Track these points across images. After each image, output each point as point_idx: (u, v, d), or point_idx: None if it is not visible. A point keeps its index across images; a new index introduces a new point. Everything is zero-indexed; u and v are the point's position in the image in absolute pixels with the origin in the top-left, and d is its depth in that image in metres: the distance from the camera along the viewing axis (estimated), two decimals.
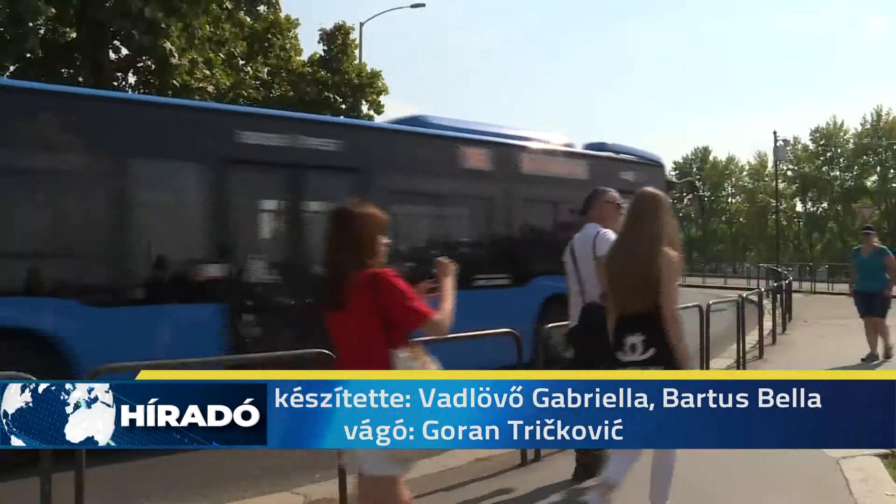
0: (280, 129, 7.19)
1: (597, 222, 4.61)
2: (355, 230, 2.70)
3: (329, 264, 2.80)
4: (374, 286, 2.61)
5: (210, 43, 17.90)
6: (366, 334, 2.65)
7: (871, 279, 9.62)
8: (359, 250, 2.68)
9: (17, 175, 5.91)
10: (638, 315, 3.56)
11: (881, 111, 65.80)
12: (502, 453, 5.53)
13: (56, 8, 14.80)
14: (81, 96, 6.82)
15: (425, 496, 4.54)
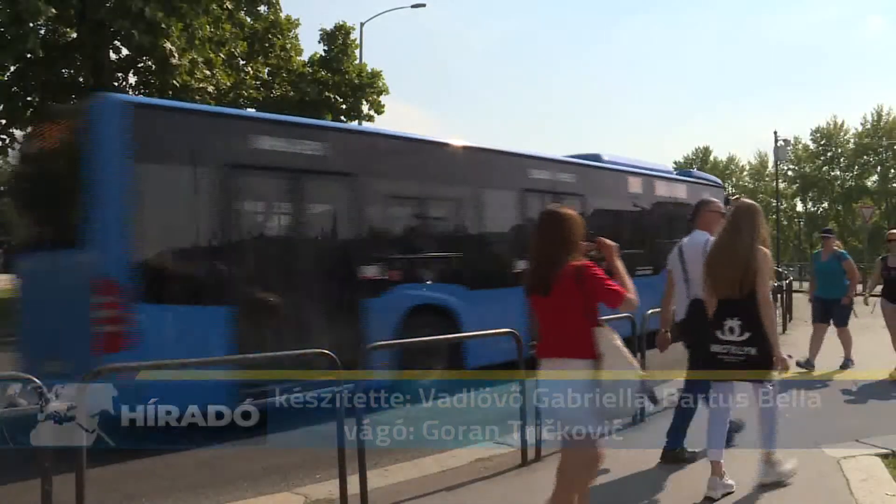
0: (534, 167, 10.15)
1: (703, 229, 5.18)
2: (564, 230, 3.20)
3: (539, 257, 3.29)
4: (579, 276, 3.11)
5: (210, 43, 17.89)
6: (570, 315, 3.16)
7: (831, 285, 9.10)
8: (566, 246, 3.18)
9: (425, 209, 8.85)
10: (736, 302, 4.28)
11: (881, 111, 65.77)
12: (503, 453, 5.54)
13: (56, 8, 14.80)
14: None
15: (426, 496, 4.55)
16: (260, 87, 20.32)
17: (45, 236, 6.91)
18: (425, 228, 8.69)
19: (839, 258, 9.10)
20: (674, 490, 4.70)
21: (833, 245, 9.33)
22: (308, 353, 4.99)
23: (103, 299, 5.82)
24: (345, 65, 21.28)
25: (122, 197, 5.88)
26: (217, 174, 6.51)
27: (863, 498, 4.32)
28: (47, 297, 6.53)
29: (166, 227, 6.37)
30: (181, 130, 6.46)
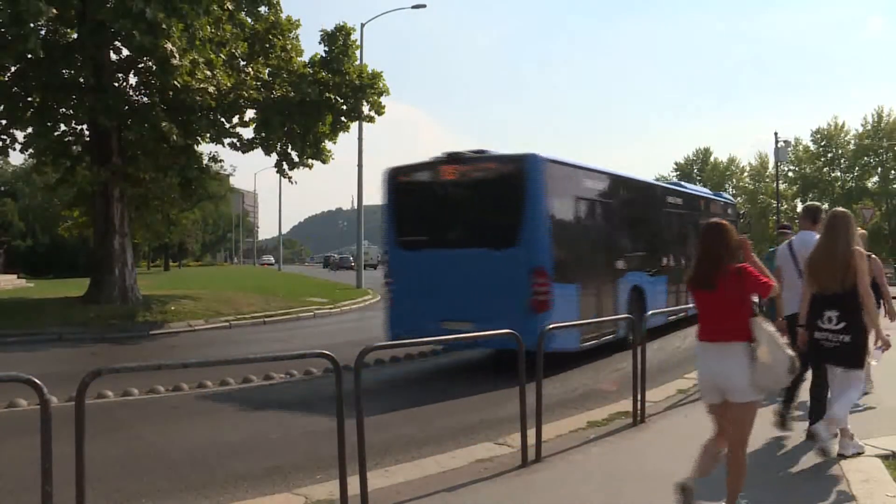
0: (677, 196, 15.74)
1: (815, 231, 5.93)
2: (726, 238, 3.98)
3: (707, 259, 4.01)
4: (740, 274, 3.89)
5: (211, 44, 17.86)
6: (732, 307, 3.91)
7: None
8: (728, 251, 3.96)
9: None
10: (834, 295, 5.01)
11: (882, 112, 65.74)
12: (503, 454, 5.54)
13: (57, 8, 14.79)
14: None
15: (427, 497, 4.55)
16: (260, 87, 20.26)
17: (484, 239, 9.92)
18: (637, 236, 13.05)
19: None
20: None
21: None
22: (308, 354, 4.99)
23: (539, 280, 9.35)
24: (345, 66, 21.22)
25: (544, 216, 9.65)
26: (581, 204, 11.02)
27: (863, 499, 4.32)
28: (472, 279, 9.71)
29: (562, 236, 10.16)
30: (568, 177, 10.73)
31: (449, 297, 9.83)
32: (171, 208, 22.48)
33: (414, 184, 10.92)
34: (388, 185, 10.97)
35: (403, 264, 10.66)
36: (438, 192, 10.67)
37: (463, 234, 10.29)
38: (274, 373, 9.75)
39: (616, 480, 4.86)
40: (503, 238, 9.69)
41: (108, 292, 18.35)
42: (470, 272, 9.76)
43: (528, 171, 9.68)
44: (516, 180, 9.72)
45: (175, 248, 72.32)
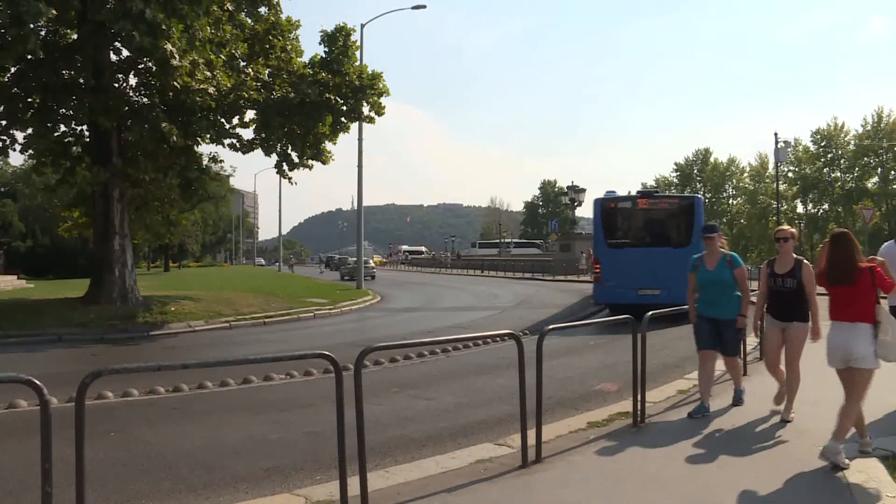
0: None
1: None
2: (855, 244, 5.23)
3: (845, 261, 5.15)
4: (870, 273, 5.10)
5: (211, 44, 17.85)
6: (863, 296, 5.11)
7: (721, 301, 6.93)
8: (859, 254, 5.20)
9: None
10: None
11: (882, 112, 65.84)
12: (503, 455, 5.54)
13: (57, 9, 14.79)
14: None
15: (427, 497, 4.55)
16: (260, 88, 20.26)
17: (668, 242, 16.92)
18: None
19: (732, 263, 7.00)
20: None
21: (719, 246, 7.13)
22: (308, 355, 4.99)
23: None
24: (345, 66, 21.22)
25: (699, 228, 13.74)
26: None
27: (863, 499, 4.32)
28: (659, 264, 15.86)
29: None
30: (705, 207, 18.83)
31: (642, 276, 16.27)
32: (170, 209, 22.49)
33: (617, 209, 17.90)
34: (599, 208, 17.71)
35: (610, 257, 17.30)
36: (635, 214, 17.89)
37: (653, 238, 17.40)
38: (274, 373, 9.75)
39: (616, 481, 4.86)
40: (680, 241, 16.60)
41: (108, 293, 18.35)
42: (657, 261, 16.12)
43: (695, 205, 17.41)
44: (688, 209, 17.32)
45: (175, 248, 72.31)
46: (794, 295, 6.40)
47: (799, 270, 6.41)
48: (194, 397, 8.60)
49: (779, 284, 6.50)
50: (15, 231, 57.46)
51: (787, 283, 6.45)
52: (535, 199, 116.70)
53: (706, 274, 7.04)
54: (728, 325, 6.94)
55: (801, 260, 6.52)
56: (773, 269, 6.60)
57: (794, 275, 6.41)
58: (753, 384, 8.05)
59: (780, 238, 6.63)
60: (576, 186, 36.78)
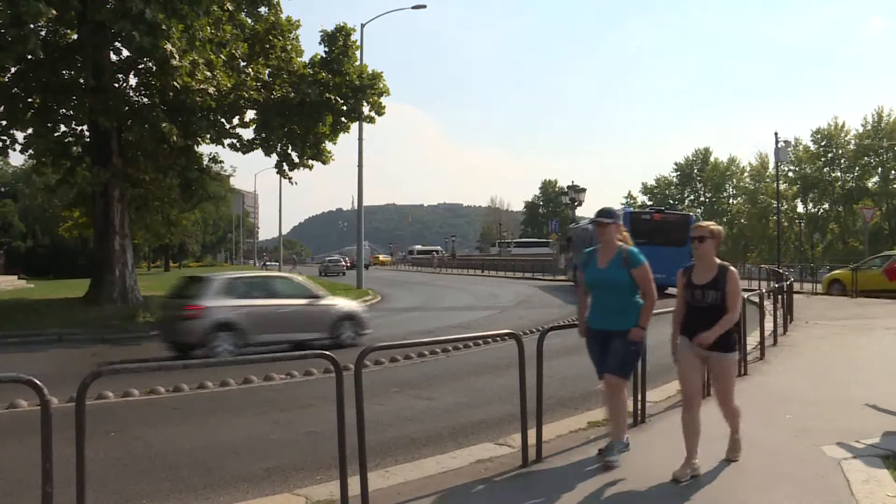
0: None
1: None
2: None
3: None
4: None
5: (211, 44, 17.87)
6: None
7: (614, 308, 5.22)
8: None
9: None
10: None
11: (882, 112, 65.80)
12: (503, 454, 5.54)
13: (57, 9, 14.80)
14: None
15: (427, 497, 4.54)
16: (260, 88, 20.27)
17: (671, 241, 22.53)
18: None
19: (629, 261, 5.21)
20: None
21: (616, 238, 5.33)
22: (308, 355, 4.99)
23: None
24: (345, 66, 21.24)
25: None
26: None
27: (864, 499, 4.32)
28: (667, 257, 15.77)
29: None
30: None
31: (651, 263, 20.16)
32: (171, 209, 22.52)
33: (640, 219, 25.78)
34: (627, 218, 23.75)
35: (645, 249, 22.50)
36: (651, 222, 25.66)
37: (663, 238, 22.95)
38: (274, 373, 9.75)
39: (616, 481, 4.85)
40: (679, 241, 20.94)
41: (109, 293, 18.36)
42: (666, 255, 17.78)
43: (691, 219, 25.64)
44: (686, 221, 25.37)
45: (175, 248, 72.38)
46: (716, 312, 4.80)
47: (723, 280, 4.83)
48: (194, 397, 8.60)
49: (697, 298, 4.89)
50: (15, 231, 57.49)
51: (709, 297, 4.84)
52: (535, 198, 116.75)
53: (595, 272, 5.30)
54: (618, 337, 5.14)
55: (725, 267, 4.90)
56: (691, 279, 4.98)
57: (717, 286, 4.83)
58: (751, 385, 8.02)
59: (695, 237, 4.97)
60: (576, 186, 36.73)
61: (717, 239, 4.98)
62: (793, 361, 10.05)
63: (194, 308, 11.67)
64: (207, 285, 12.29)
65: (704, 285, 4.89)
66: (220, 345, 11.49)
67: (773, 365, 9.68)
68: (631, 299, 5.22)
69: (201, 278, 13.03)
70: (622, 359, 5.19)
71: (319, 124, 21.11)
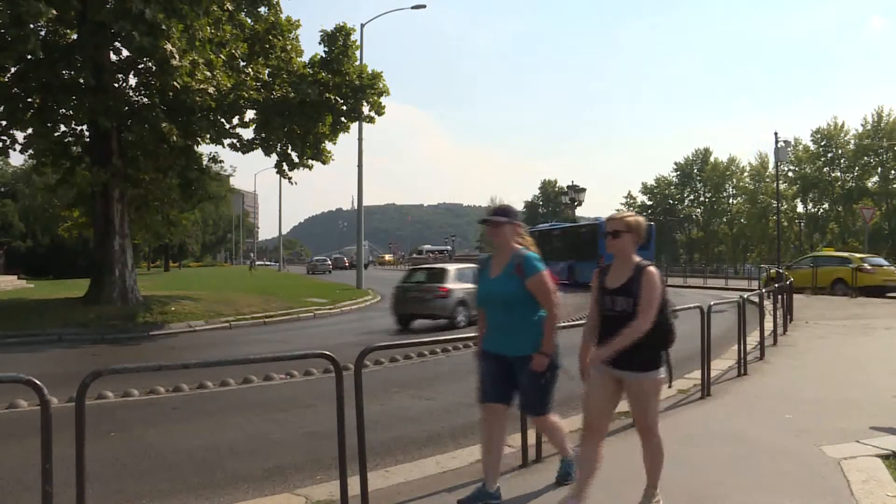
0: None
1: None
2: None
3: None
4: None
5: (211, 44, 17.86)
6: None
7: (509, 327, 4.26)
8: None
9: None
10: None
11: (882, 112, 65.85)
12: (504, 454, 5.53)
13: (57, 9, 14.80)
14: None
15: (427, 497, 4.54)
16: (260, 88, 20.26)
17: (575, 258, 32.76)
18: None
19: (522, 269, 4.20)
20: None
21: (513, 241, 4.34)
22: (308, 355, 4.99)
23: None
24: (345, 66, 21.23)
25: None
26: None
27: (864, 499, 4.32)
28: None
29: None
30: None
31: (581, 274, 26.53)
32: (170, 209, 22.52)
33: None
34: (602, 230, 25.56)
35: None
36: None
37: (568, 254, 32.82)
38: (274, 373, 9.76)
39: (616, 481, 4.85)
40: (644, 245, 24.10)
41: (108, 293, 18.36)
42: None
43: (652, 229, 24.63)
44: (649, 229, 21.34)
45: (175, 248, 72.37)
46: (627, 323, 3.83)
47: (637, 283, 3.85)
48: (194, 397, 8.60)
49: (608, 306, 3.98)
50: (15, 231, 57.49)
51: (618, 304, 3.91)
52: (535, 198, 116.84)
53: (485, 284, 4.39)
54: (522, 367, 4.22)
55: (642, 267, 3.91)
56: (604, 281, 4.05)
57: (630, 290, 3.86)
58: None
59: (608, 232, 4.04)
60: (576, 186, 36.73)
61: (635, 234, 4.01)
62: (793, 361, 10.06)
63: (444, 290, 16.34)
64: (447, 274, 17.04)
65: (615, 290, 3.95)
66: (459, 316, 16.16)
67: (773, 365, 9.69)
68: (530, 317, 4.21)
69: (437, 269, 18.10)
70: (535, 395, 4.30)
71: (319, 124, 21.11)
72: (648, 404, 4.15)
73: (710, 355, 7.98)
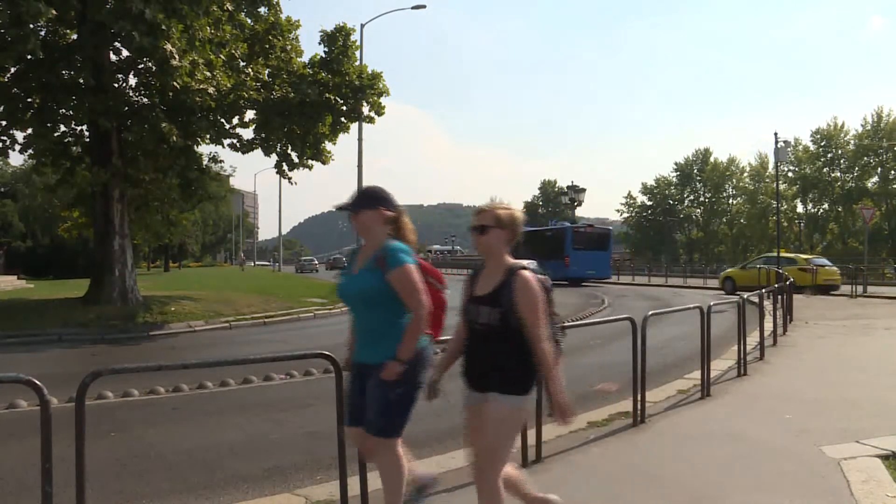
0: None
1: None
2: None
3: None
4: None
5: (211, 44, 17.86)
6: None
7: (369, 332, 3.65)
8: None
9: None
10: None
11: (882, 112, 65.85)
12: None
13: (56, 9, 14.80)
14: None
15: (426, 497, 4.54)
16: (260, 88, 20.26)
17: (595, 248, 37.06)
18: None
19: (384, 262, 3.50)
20: None
21: (379, 230, 3.63)
22: (308, 355, 5.00)
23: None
24: (345, 66, 21.22)
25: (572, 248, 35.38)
26: None
27: (863, 499, 4.32)
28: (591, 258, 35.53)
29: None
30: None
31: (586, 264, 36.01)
32: (170, 209, 22.52)
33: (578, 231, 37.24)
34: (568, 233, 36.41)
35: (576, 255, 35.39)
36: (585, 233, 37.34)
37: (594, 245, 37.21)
38: (274, 373, 9.75)
39: (616, 481, 4.86)
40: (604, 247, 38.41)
41: (108, 293, 18.35)
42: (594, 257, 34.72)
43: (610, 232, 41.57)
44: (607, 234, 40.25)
45: (175, 248, 72.35)
46: (495, 340, 3.22)
47: (508, 290, 3.17)
48: (194, 397, 8.60)
49: (471, 316, 3.35)
50: (15, 231, 57.48)
51: (483, 316, 3.25)
52: (535, 198, 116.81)
53: (345, 280, 3.72)
54: (374, 376, 3.54)
55: (514, 270, 3.20)
56: (473, 289, 3.40)
57: (498, 299, 3.19)
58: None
59: (474, 227, 3.36)
60: (576, 186, 36.78)
61: (508, 230, 3.30)
62: (792, 362, 10.06)
63: None
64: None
65: (481, 298, 3.28)
66: None
67: (773, 365, 9.69)
68: (395, 319, 3.53)
69: None
70: (381, 411, 3.56)
71: (319, 124, 21.10)
72: (497, 436, 3.23)
73: (709, 355, 7.98)
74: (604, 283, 36.83)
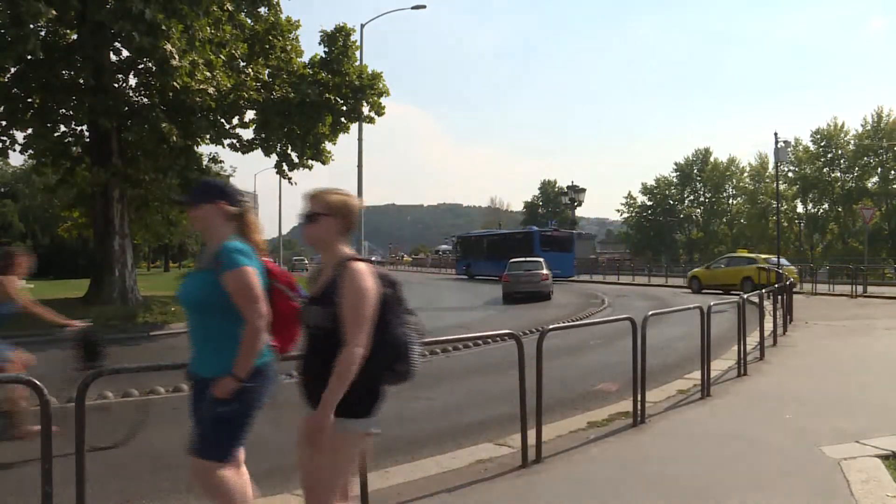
0: None
1: None
2: None
3: None
4: None
5: (211, 44, 17.87)
6: None
7: (203, 339, 3.23)
8: None
9: None
10: None
11: (882, 112, 65.81)
12: (503, 454, 5.54)
13: (57, 9, 14.80)
14: None
15: (427, 498, 4.54)
16: (260, 88, 20.27)
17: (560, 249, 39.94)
18: None
19: (221, 263, 3.11)
20: None
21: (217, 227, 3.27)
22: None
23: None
24: (345, 66, 21.23)
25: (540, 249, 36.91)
26: None
27: (863, 499, 4.32)
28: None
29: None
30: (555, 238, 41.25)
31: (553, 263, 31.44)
32: (170, 209, 22.52)
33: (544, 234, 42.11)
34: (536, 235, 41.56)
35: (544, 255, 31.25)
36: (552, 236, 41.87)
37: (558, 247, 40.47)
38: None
39: (616, 481, 4.86)
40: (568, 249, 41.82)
41: (108, 293, 18.36)
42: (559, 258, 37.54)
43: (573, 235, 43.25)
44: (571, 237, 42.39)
45: (175, 248, 72.33)
46: (323, 345, 2.82)
47: (335, 289, 2.80)
48: None
49: (305, 320, 2.99)
50: (15, 231, 57.45)
51: (311, 317, 2.91)
52: (534, 198, 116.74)
53: (182, 285, 3.33)
54: (204, 391, 3.18)
55: (344, 262, 2.85)
56: (312, 288, 3.06)
57: (330, 298, 2.81)
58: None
59: (304, 216, 2.98)
60: (576, 186, 36.76)
61: (341, 219, 2.95)
62: (792, 361, 10.06)
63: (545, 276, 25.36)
64: (542, 265, 26.10)
65: (313, 297, 2.93)
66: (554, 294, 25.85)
67: (773, 365, 9.69)
68: (231, 328, 3.12)
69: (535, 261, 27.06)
70: (208, 431, 3.20)
71: (319, 124, 21.12)
72: (334, 461, 2.84)
73: (710, 355, 7.98)
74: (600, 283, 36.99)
